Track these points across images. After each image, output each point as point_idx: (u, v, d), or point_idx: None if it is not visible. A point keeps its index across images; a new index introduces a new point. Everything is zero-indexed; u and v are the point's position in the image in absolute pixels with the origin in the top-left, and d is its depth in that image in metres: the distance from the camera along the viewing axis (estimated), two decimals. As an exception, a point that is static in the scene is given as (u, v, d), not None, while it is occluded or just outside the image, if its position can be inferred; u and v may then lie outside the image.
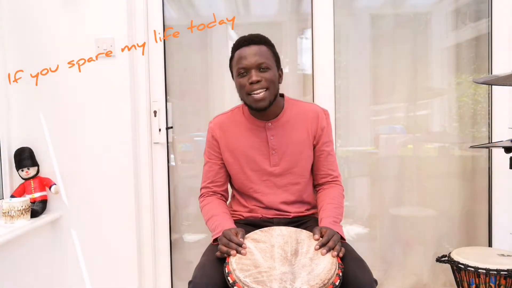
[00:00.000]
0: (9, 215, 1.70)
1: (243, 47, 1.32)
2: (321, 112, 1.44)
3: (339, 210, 1.36)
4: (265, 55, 1.32)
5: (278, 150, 1.39)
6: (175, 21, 2.06)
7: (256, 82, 1.29)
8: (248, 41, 1.33)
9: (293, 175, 1.41)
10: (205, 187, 1.48)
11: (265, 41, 1.36)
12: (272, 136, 1.39)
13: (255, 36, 1.35)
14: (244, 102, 1.38)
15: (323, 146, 1.43)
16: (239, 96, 1.39)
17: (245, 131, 1.42)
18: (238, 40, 1.36)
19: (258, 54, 1.30)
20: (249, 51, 1.31)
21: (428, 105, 2.04)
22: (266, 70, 1.31)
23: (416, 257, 2.07)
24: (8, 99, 1.91)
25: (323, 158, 1.44)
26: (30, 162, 1.86)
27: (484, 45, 1.95)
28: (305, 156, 1.42)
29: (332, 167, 1.46)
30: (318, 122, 1.41)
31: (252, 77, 1.29)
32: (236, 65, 1.33)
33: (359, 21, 2.05)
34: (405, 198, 2.06)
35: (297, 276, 1.04)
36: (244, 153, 1.40)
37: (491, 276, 1.48)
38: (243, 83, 1.32)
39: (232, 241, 1.16)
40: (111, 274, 1.93)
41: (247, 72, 1.31)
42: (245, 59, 1.30)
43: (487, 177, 1.97)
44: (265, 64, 1.30)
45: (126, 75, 1.88)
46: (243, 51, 1.32)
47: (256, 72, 1.30)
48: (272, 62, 1.34)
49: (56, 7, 1.87)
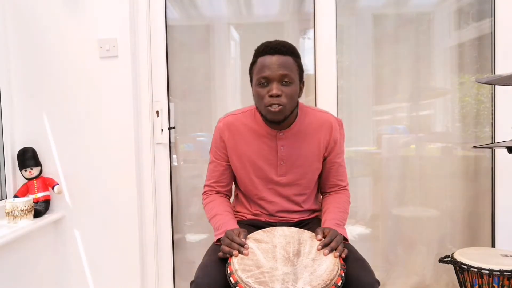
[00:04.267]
0: (12, 215, 1.70)
1: (267, 55, 1.23)
2: (335, 122, 1.38)
3: (343, 215, 1.34)
4: (290, 67, 1.23)
5: (287, 161, 1.36)
6: (177, 21, 2.06)
7: (276, 96, 1.21)
8: (274, 50, 1.23)
9: (299, 187, 1.39)
10: (209, 185, 1.46)
11: (292, 52, 1.26)
12: (282, 146, 1.35)
13: (282, 45, 1.25)
14: (259, 111, 1.31)
15: (335, 158, 1.40)
16: (255, 103, 1.32)
17: (255, 137, 1.36)
18: (264, 46, 1.27)
19: (283, 66, 1.22)
20: (274, 61, 1.22)
21: (431, 105, 2.04)
22: (289, 84, 1.23)
23: (418, 258, 2.06)
24: (11, 99, 1.92)
25: (334, 169, 1.42)
26: (33, 162, 1.86)
27: (487, 45, 1.94)
28: (313, 169, 1.39)
29: (342, 178, 1.44)
30: (331, 134, 1.36)
31: (273, 90, 1.21)
32: (258, 73, 1.24)
33: (361, 21, 2.05)
34: (408, 198, 2.06)
35: (299, 277, 1.03)
36: (252, 160, 1.37)
37: (494, 277, 1.47)
38: (262, 94, 1.24)
39: (234, 241, 1.16)
40: (113, 274, 1.94)
41: (268, 83, 1.23)
42: (268, 69, 1.22)
43: (490, 177, 1.96)
44: (289, 77, 1.22)
45: (129, 76, 1.88)
46: (267, 60, 1.23)
47: (278, 85, 1.22)
48: (296, 75, 1.25)
49: (59, 8, 1.88)
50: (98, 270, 1.95)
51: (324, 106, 1.88)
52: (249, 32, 2.09)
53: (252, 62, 1.31)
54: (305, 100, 1.99)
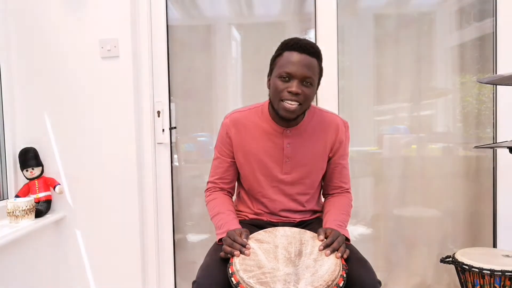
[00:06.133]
0: (14, 215, 1.71)
1: (295, 52, 1.24)
2: (341, 124, 1.39)
3: (345, 217, 1.35)
4: (313, 69, 1.25)
5: (292, 159, 1.37)
6: (179, 22, 2.06)
7: (295, 93, 1.23)
8: (302, 49, 1.24)
9: (303, 186, 1.40)
10: (212, 182, 1.46)
11: (318, 55, 1.28)
12: (288, 144, 1.36)
13: (311, 46, 1.26)
14: (272, 104, 1.32)
15: (339, 159, 1.41)
16: (269, 95, 1.34)
17: (261, 134, 1.37)
18: (294, 42, 1.27)
19: (308, 67, 1.23)
20: (301, 59, 1.23)
21: (432, 105, 2.04)
22: (309, 86, 1.25)
23: (420, 258, 2.06)
24: (13, 99, 1.92)
25: (338, 171, 1.43)
26: (35, 162, 1.87)
27: (488, 44, 1.94)
28: (318, 168, 1.40)
29: (345, 180, 1.45)
30: (337, 134, 1.38)
31: (293, 87, 1.23)
32: (282, 67, 1.25)
33: (362, 21, 2.04)
34: (409, 199, 2.06)
35: (301, 277, 1.03)
36: (257, 157, 1.38)
37: (495, 277, 1.47)
38: (281, 88, 1.24)
39: (236, 241, 1.16)
40: (115, 274, 1.94)
41: (290, 79, 1.24)
42: (293, 65, 1.23)
43: (491, 177, 1.96)
44: (311, 79, 1.24)
45: (130, 76, 1.88)
46: (294, 56, 1.24)
47: (299, 84, 1.23)
48: (317, 78, 1.28)
49: (61, 8, 1.88)
50: (99, 270, 1.96)
51: (325, 106, 1.87)
52: (250, 32, 2.09)
53: (277, 53, 1.30)
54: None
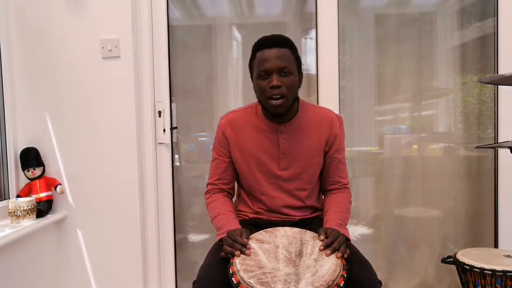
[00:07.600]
0: (15, 214, 1.71)
1: (265, 49, 1.28)
2: (335, 118, 1.41)
3: (345, 214, 1.35)
4: (287, 59, 1.28)
5: (289, 154, 1.38)
6: (180, 22, 2.06)
7: (276, 86, 1.26)
8: (271, 43, 1.28)
9: (301, 181, 1.40)
10: (212, 183, 1.47)
11: (288, 44, 1.31)
12: (283, 140, 1.37)
13: (279, 38, 1.31)
14: (262, 104, 1.35)
15: (335, 153, 1.42)
16: (256, 97, 1.36)
17: (256, 132, 1.39)
18: (260, 40, 1.32)
19: (281, 58, 1.26)
20: (272, 53, 1.26)
21: (433, 105, 2.03)
22: (288, 75, 1.27)
23: (421, 258, 2.06)
24: (14, 99, 1.92)
25: (334, 165, 1.43)
26: (36, 162, 1.87)
27: (490, 44, 1.94)
28: (314, 163, 1.40)
29: (343, 175, 1.45)
30: (331, 128, 1.39)
31: (273, 81, 1.26)
32: (258, 67, 1.29)
33: (363, 21, 2.04)
34: (410, 199, 2.05)
35: (302, 277, 1.03)
36: (254, 155, 1.39)
37: (497, 278, 1.47)
38: (263, 86, 1.28)
39: (236, 241, 1.16)
40: (116, 274, 1.94)
41: (269, 75, 1.27)
42: (267, 61, 1.26)
43: (493, 177, 1.96)
44: (287, 68, 1.27)
45: (131, 76, 1.88)
46: (265, 53, 1.28)
47: (278, 76, 1.26)
48: (294, 66, 1.30)
49: (62, 8, 1.88)
50: (100, 270, 1.96)
51: (326, 106, 1.86)
52: (251, 32, 2.09)
53: (251, 57, 1.35)
54: (307, 100, 1.97)
